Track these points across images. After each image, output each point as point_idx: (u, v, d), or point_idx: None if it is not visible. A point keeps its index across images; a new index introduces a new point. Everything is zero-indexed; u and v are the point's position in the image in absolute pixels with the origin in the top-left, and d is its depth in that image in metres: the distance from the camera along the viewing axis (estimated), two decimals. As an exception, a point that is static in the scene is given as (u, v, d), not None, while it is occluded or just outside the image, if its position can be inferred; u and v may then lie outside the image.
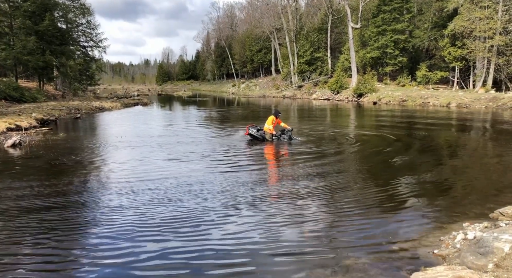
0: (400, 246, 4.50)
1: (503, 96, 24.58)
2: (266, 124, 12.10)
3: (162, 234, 4.85)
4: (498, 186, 6.85)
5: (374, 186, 6.98)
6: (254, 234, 4.89)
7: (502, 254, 3.38)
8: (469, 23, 28.10)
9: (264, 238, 4.75)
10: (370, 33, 37.89)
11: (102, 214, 5.59)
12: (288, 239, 4.73)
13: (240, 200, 6.16)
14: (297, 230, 5.02)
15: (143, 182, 7.32)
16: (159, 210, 5.68)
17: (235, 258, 4.27)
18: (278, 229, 5.02)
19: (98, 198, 6.35)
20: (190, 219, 5.37)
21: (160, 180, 7.39)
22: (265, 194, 6.54)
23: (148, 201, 6.09)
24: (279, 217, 5.44)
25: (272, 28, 54.16)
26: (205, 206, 5.89)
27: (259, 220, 5.34)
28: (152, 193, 6.51)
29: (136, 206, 5.93)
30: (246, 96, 53.38)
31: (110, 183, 7.37)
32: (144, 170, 8.37)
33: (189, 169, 8.43)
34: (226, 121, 20.98)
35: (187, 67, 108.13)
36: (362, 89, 33.76)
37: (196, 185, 7.02)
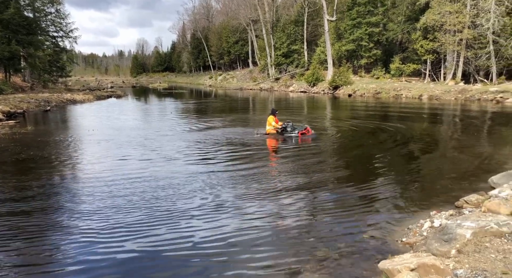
0: (370, 235, 4.62)
1: (471, 88, 25.49)
2: (268, 126, 11.73)
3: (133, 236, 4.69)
4: (465, 175, 7.12)
5: (346, 178, 7.11)
6: (228, 228, 4.90)
7: (464, 240, 3.52)
8: (439, 16, 28.82)
9: (238, 232, 4.77)
10: (345, 26, 38.26)
11: (69, 217, 5.42)
12: (263, 233, 4.75)
13: (215, 195, 6.15)
14: (272, 224, 5.05)
15: (114, 178, 7.13)
16: (131, 210, 5.50)
17: (210, 249, 4.28)
18: (253, 224, 5.04)
19: (65, 198, 6.16)
20: (162, 218, 5.31)
21: (133, 177, 7.18)
22: (239, 189, 6.54)
23: (120, 200, 5.90)
24: (255, 212, 5.45)
25: (249, 19, 53.80)
26: (179, 205, 5.83)
27: (234, 215, 5.35)
28: (124, 191, 6.32)
29: (106, 205, 5.80)
30: (224, 88, 53.03)
31: (81, 180, 7.16)
32: (116, 166, 8.17)
33: (163, 164, 8.30)
34: (203, 113, 20.78)
35: (163, 59, 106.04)
36: (337, 81, 34.16)
37: (169, 181, 6.92)
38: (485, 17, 27.21)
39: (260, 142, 10.89)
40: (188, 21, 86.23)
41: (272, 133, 11.65)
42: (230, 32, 62.76)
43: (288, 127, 11.52)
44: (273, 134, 11.65)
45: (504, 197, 4.29)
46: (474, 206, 4.95)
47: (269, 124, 11.74)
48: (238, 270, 3.88)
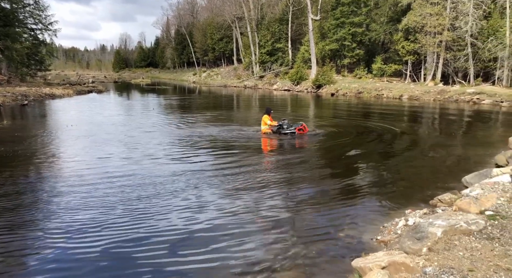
0: (346, 233, 4.69)
1: (450, 89, 26.12)
2: (263, 125, 11.56)
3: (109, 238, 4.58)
4: (441, 174, 7.30)
5: (324, 177, 7.19)
6: (205, 226, 4.89)
7: (435, 238, 3.61)
8: (421, 18, 29.39)
9: (214, 229, 4.76)
10: (329, 25, 38.54)
11: (42, 217, 5.29)
12: (239, 231, 4.76)
13: (196, 194, 6.11)
14: (248, 222, 5.05)
15: (92, 177, 6.98)
16: (108, 210, 5.39)
17: (187, 249, 4.26)
18: (229, 222, 5.04)
19: (39, 197, 6.02)
20: (142, 216, 5.25)
21: (112, 175, 7.05)
22: (219, 187, 6.52)
23: (97, 200, 5.77)
24: (232, 211, 5.45)
25: (234, 16, 53.54)
26: (160, 205, 5.77)
27: (212, 213, 5.34)
28: (102, 191, 6.18)
29: (82, 205, 5.70)
30: (207, 85, 52.71)
31: (57, 178, 7.00)
32: (94, 163, 8.02)
33: (144, 162, 8.18)
34: (186, 110, 20.61)
35: (146, 54, 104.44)
36: (321, 80, 34.42)
37: (151, 179, 6.83)
38: (464, 20, 27.91)
39: (244, 140, 10.86)
40: (172, 17, 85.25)
41: (268, 133, 11.51)
42: (214, 29, 62.33)
43: (284, 125, 11.39)
44: (268, 133, 11.52)
45: (474, 196, 4.42)
46: (448, 205, 5.08)
47: (264, 123, 11.58)
48: (212, 268, 3.88)
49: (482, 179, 5.79)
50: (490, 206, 4.11)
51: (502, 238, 3.34)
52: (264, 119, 11.55)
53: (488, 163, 7.59)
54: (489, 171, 5.91)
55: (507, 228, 3.53)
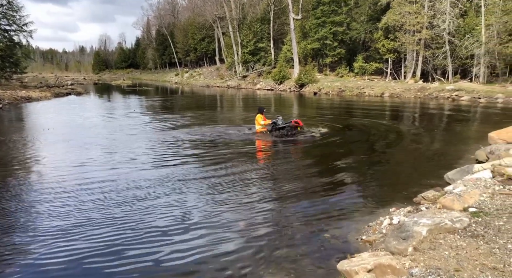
0: (332, 234, 4.62)
1: (429, 87, 26.59)
2: (257, 125, 11.39)
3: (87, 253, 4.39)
4: (423, 171, 7.33)
5: (308, 177, 7.12)
6: (191, 230, 4.74)
7: (420, 237, 3.57)
8: (400, 17, 29.83)
9: (196, 233, 4.63)
10: (310, 24, 38.72)
11: (17, 223, 5.06)
12: (223, 234, 4.65)
13: (178, 197, 5.96)
14: (232, 223, 4.95)
15: (71, 184, 6.71)
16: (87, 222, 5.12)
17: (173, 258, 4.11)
18: (213, 225, 4.91)
19: (11, 206, 5.74)
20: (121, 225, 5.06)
21: (91, 182, 6.76)
22: (201, 190, 6.38)
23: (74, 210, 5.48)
24: (217, 213, 5.34)
25: (215, 16, 53.21)
26: (142, 215, 5.58)
27: (194, 216, 5.20)
28: (81, 199, 5.90)
29: (59, 213, 5.46)
30: (190, 85, 52.25)
31: (31, 186, 6.70)
32: (72, 169, 7.72)
33: (126, 167, 7.94)
34: (169, 111, 20.28)
35: (127, 55, 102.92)
36: (303, 79, 34.53)
37: (131, 184, 6.62)
38: (441, 18, 28.47)
39: (229, 141, 10.71)
40: (152, 17, 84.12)
41: (263, 132, 11.35)
42: (196, 29, 61.84)
43: (279, 121, 11.22)
44: (263, 133, 11.36)
45: (457, 193, 4.41)
46: (431, 202, 5.07)
47: (258, 123, 11.43)
48: (193, 272, 3.76)
49: (464, 175, 5.82)
50: (473, 203, 4.10)
51: (487, 235, 3.32)
52: (257, 118, 11.42)
53: (469, 159, 7.68)
54: (471, 167, 5.95)
55: (491, 225, 3.51)
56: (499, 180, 4.81)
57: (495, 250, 3.01)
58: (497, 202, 4.05)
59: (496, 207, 3.92)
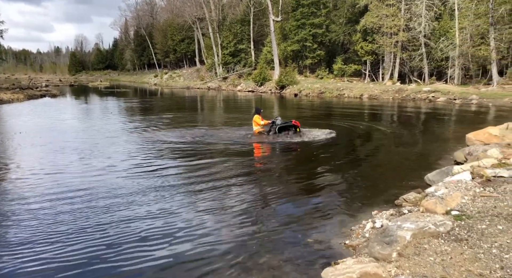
0: (315, 238, 4.54)
1: (407, 88, 27.12)
2: (255, 126, 11.32)
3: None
4: (404, 172, 7.37)
5: (290, 180, 7.04)
6: (172, 237, 4.56)
7: (404, 242, 3.52)
8: (377, 19, 30.35)
9: (175, 240, 4.46)
10: (290, 26, 38.91)
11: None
12: (203, 239, 4.52)
13: (158, 204, 5.75)
14: (213, 229, 4.81)
15: (44, 192, 6.36)
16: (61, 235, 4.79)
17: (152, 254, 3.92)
18: (194, 235, 4.74)
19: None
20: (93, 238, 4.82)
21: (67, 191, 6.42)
22: (181, 194, 6.19)
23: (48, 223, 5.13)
24: (198, 219, 5.17)
25: (195, 17, 52.75)
26: (122, 227, 5.34)
27: (175, 223, 5.01)
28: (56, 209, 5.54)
29: (29, 224, 5.16)
30: (170, 87, 51.59)
31: (1, 192, 6.36)
32: (46, 176, 7.35)
33: (103, 173, 7.61)
34: (148, 113, 19.86)
35: (104, 56, 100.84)
36: (284, 81, 34.63)
37: (109, 191, 6.34)
38: (417, 21, 29.15)
39: (212, 143, 10.49)
40: (130, 18, 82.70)
41: (260, 132, 11.30)
42: (175, 30, 61.15)
43: (278, 121, 11.16)
44: (261, 133, 11.31)
45: (440, 196, 4.41)
46: (413, 204, 5.06)
47: (256, 124, 11.35)
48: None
49: (444, 177, 5.86)
50: (456, 206, 4.10)
51: (470, 239, 3.30)
52: (255, 119, 11.35)
53: (448, 160, 7.78)
54: (450, 169, 6.00)
55: (474, 228, 3.50)
56: (479, 182, 4.85)
57: (480, 255, 2.98)
58: (479, 205, 4.06)
59: (478, 210, 3.92)
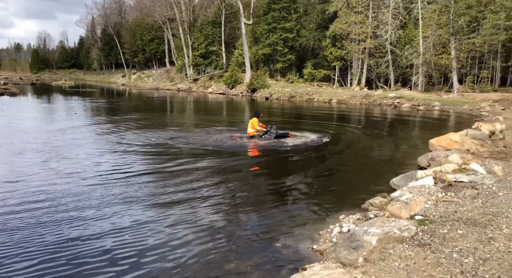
0: (283, 243, 4.52)
1: (374, 94, 27.94)
2: (251, 129, 11.37)
3: None
4: (370, 177, 7.52)
5: (259, 186, 7.00)
6: (139, 244, 4.39)
7: (370, 247, 3.55)
8: (346, 26, 31.11)
9: (142, 248, 4.30)
10: (261, 30, 39.13)
11: None
12: (171, 244, 4.43)
13: (124, 210, 5.53)
14: (181, 235, 4.70)
15: None
16: (18, 244, 4.49)
17: None
18: (161, 241, 4.60)
19: None
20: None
21: (24, 193, 6.08)
22: (156, 201, 5.99)
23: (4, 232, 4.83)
24: (166, 223, 5.02)
25: (165, 18, 51.89)
26: (86, 235, 5.08)
27: (139, 229, 4.83)
28: (13, 216, 5.24)
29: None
30: (138, 87, 50.38)
31: None
32: (3, 178, 6.94)
33: (64, 174, 7.29)
34: (115, 114, 19.24)
35: (69, 55, 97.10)
36: (255, 84, 34.72)
37: (73, 196, 6.04)
38: (384, 28, 30.15)
39: (181, 149, 10.22)
40: (98, 16, 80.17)
41: (254, 136, 11.41)
42: (145, 30, 59.84)
43: (272, 129, 11.36)
44: (254, 136, 11.41)
45: (404, 200, 4.51)
46: (379, 209, 5.15)
47: (252, 127, 11.40)
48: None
49: (408, 181, 6.03)
50: (419, 211, 4.20)
51: (433, 244, 3.37)
52: (253, 122, 11.43)
53: (412, 164, 8.02)
54: (414, 173, 6.18)
55: (436, 233, 3.59)
56: (441, 187, 5.01)
57: (441, 260, 3.05)
58: (441, 210, 4.18)
59: (440, 215, 4.04)
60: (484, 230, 3.57)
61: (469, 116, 17.52)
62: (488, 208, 4.18)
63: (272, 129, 11.44)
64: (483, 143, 8.19)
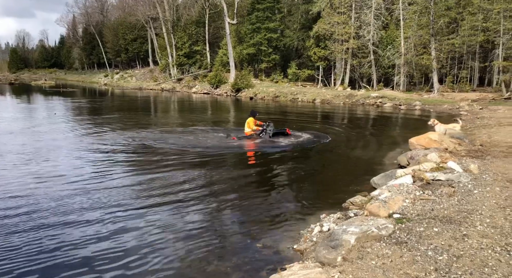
0: (264, 243, 4.51)
1: (357, 94, 28.27)
2: (248, 128, 11.47)
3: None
4: (352, 176, 7.60)
5: (241, 185, 6.98)
6: (117, 246, 4.30)
7: (349, 246, 3.58)
8: (329, 26, 31.37)
9: (120, 252, 4.22)
10: (246, 30, 39.08)
11: None
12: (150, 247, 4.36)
13: (102, 215, 5.42)
14: (161, 237, 4.64)
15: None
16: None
17: None
18: (142, 238, 4.54)
19: None
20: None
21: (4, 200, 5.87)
22: (134, 202, 5.90)
23: None
24: (145, 226, 4.94)
25: (148, 17, 51.26)
26: (65, 241, 4.94)
27: (124, 231, 4.75)
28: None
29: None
30: (121, 87, 49.65)
31: None
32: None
33: (44, 177, 7.08)
34: (97, 114, 18.87)
35: (50, 54, 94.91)
36: (239, 84, 34.66)
37: (53, 201, 5.88)
38: (366, 29, 30.53)
39: (158, 150, 10.11)
40: (79, 14, 78.51)
41: (252, 135, 11.50)
42: (127, 29, 58.94)
43: (270, 127, 11.40)
44: (252, 135, 11.50)
45: (383, 199, 4.56)
46: (359, 208, 5.21)
47: (249, 126, 11.50)
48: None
49: (388, 180, 6.11)
50: (397, 209, 4.26)
51: (409, 242, 3.42)
52: (249, 121, 11.52)
53: (393, 163, 8.13)
54: (394, 172, 6.27)
55: (413, 231, 3.64)
56: (419, 185, 5.09)
57: (417, 257, 3.10)
58: (418, 208, 4.24)
59: (417, 213, 4.10)
60: (459, 228, 3.64)
61: (449, 115, 17.90)
62: (464, 205, 4.27)
63: (269, 127, 11.49)
64: (460, 141, 8.38)
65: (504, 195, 4.59)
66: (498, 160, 6.51)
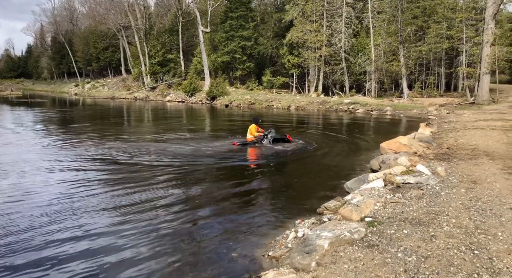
0: (240, 252, 4.48)
1: (330, 100, 28.81)
2: (249, 135, 11.67)
3: None
4: (326, 181, 7.69)
5: (216, 194, 6.93)
6: (92, 258, 4.16)
7: (322, 251, 3.61)
8: (302, 34, 31.95)
9: (93, 260, 4.09)
10: (220, 38, 39.20)
11: None
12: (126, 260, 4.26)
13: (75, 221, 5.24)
14: (135, 246, 4.55)
15: None
16: None
17: None
18: (115, 255, 4.40)
19: None
20: None
21: None
22: (109, 212, 5.74)
23: None
24: (121, 234, 4.81)
25: (119, 25, 50.52)
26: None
27: (102, 242, 4.60)
28: None
29: None
30: (92, 97, 48.46)
31: None
32: None
33: (13, 192, 6.79)
34: (66, 125, 18.30)
35: (16, 64, 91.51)
36: (215, 92, 34.63)
37: (21, 223, 5.62)
38: (338, 37, 31.28)
39: (130, 160, 9.91)
40: (47, 23, 76.43)
41: (253, 141, 11.67)
42: (98, 37, 57.78)
43: (271, 133, 11.58)
44: (253, 141, 11.67)
45: (355, 203, 4.65)
46: (333, 212, 5.27)
47: (251, 133, 11.68)
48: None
49: (361, 184, 6.23)
50: (369, 213, 4.35)
51: (381, 245, 3.50)
52: (251, 128, 11.77)
53: (365, 168, 8.31)
54: (366, 176, 6.40)
55: (384, 234, 3.73)
56: (390, 189, 5.22)
57: (387, 260, 3.17)
58: (389, 211, 4.35)
59: (388, 216, 4.20)
60: (427, 229, 3.76)
61: (418, 120, 18.51)
62: (432, 207, 4.41)
63: (270, 133, 11.73)
64: (429, 145, 8.67)
65: (469, 196, 4.78)
66: (464, 162, 6.78)
